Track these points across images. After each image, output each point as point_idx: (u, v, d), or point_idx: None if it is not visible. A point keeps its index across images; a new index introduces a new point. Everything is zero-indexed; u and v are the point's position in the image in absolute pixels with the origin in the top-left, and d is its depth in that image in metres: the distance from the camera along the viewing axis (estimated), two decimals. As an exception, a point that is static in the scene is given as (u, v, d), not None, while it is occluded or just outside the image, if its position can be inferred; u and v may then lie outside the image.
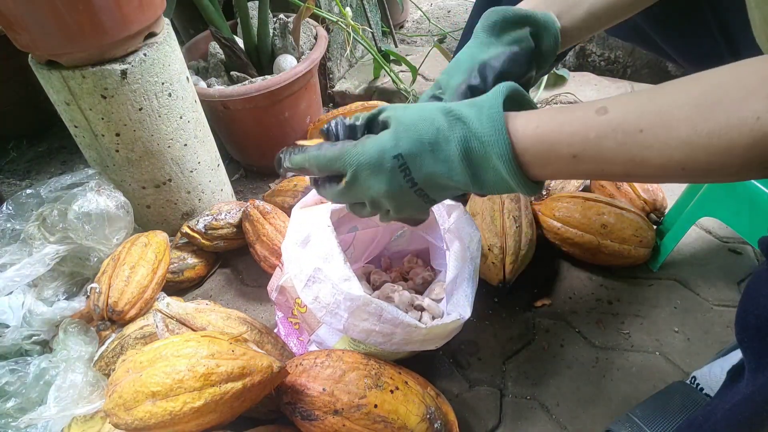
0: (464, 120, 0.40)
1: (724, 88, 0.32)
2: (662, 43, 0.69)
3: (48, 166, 1.51)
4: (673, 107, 0.33)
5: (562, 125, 0.37)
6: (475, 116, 0.40)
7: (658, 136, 0.33)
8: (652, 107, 0.34)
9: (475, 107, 0.41)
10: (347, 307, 0.64)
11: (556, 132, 0.38)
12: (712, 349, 0.83)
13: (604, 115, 0.35)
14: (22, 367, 0.77)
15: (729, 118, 0.31)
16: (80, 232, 0.88)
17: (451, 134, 0.41)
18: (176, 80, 0.94)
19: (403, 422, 0.64)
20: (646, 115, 0.34)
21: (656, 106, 0.34)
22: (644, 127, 0.34)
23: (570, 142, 0.37)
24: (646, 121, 0.34)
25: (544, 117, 0.39)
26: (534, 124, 0.39)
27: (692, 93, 0.33)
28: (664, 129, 0.33)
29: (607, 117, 0.35)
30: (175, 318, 0.78)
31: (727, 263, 0.96)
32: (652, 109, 0.34)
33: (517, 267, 0.91)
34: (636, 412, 0.72)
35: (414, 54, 1.60)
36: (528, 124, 0.39)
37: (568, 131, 0.37)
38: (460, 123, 0.41)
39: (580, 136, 0.36)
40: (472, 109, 0.41)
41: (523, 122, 0.39)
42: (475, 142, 0.40)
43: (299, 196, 1.05)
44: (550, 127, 0.38)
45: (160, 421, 0.60)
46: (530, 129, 0.39)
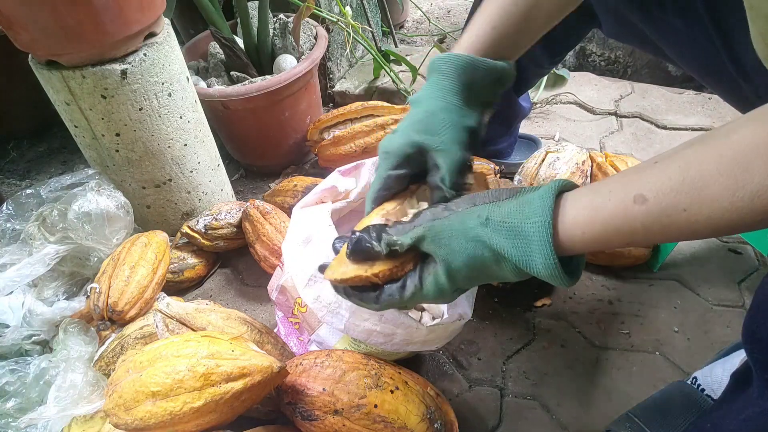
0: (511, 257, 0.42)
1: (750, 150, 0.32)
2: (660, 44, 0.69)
3: (48, 166, 1.51)
4: (708, 181, 0.34)
5: (606, 225, 0.39)
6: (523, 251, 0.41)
7: (702, 211, 0.34)
8: (687, 185, 0.35)
9: (520, 237, 0.41)
10: (349, 307, 0.64)
11: (602, 233, 0.39)
12: (712, 349, 0.83)
13: (643, 205, 0.36)
14: (22, 367, 0.77)
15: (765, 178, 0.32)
16: (80, 232, 0.88)
17: (500, 260, 0.43)
18: (176, 80, 0.94)
19: (403, 422, 0.64)
20: (683, 195, 0.35)
21: (691, 182, 0.35)
22: (686, 207, 0.35)
23: (619, 234, 0.38)
24: (686, 201, 0.35)
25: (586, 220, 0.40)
26: (580, 231, 0.40)
27: (722, 161, 0.33)
28: (706, 204, 0.34)
29: (647, 207, 0.36)
30: (175, 318, 0.78)
31: (727, 263, 0.96)
32: (688, 188, 0.35)
33: (517, 267, 0.91)
34: (636, 412, 0.72)
35: (414, 54, 1.60)
36: (575, 232, 0.40)
37: (613, 229, 0.38)
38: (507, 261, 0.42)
39: (627, 229, 0.38)
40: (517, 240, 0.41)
41: (570, 232, 0.40)
42: (524, 267, 0.42)
43: (299, 196, 1.05)
44: (595, 231, 0.39)
45: (160, 421, 0.60)
46: (578, 236, 0.40)
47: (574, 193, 0.41)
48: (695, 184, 0.34)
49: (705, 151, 0.35)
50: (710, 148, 0.35)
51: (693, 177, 0.35)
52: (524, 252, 0.41)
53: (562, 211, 0.41)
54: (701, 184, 0.34)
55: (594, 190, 0.40)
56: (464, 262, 0.44)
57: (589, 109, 1.37)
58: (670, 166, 0.36)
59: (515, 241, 0.41)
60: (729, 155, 0.33)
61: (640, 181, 0.37)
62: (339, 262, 0.50)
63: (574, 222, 0.40)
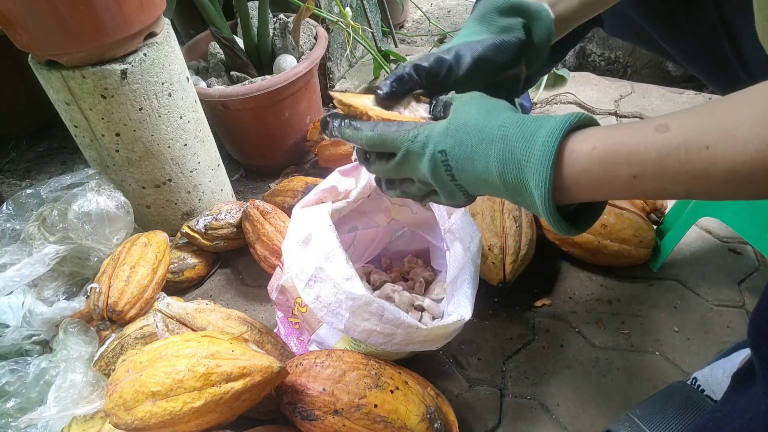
0: (510, 140, 0.39)
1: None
2: (663, 42, 0.69)
3: (48, 166, 1.51)
4: (737, 122, 0.32)
5: (620, 145, 0.36)
6: (523, 135, 0.39)
7: (725, 151, 0.32)
8: (715, 123, 0.33)
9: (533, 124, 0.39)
10: (349, 307, 0.64)
11: (613, 152, 0.36)
12: (712, 349, 0.83)
13: (665, 133, 0.34)
14: (22, 367, 0.77)
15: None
16: (80, 232, 0.88)
17: (491, 149, 0.40)
18: (176, 80, 0.94)
19: (403, 422, 0.64)
20: (709, 131, 0.33)
21: (719, 121, 0.33)
22: (710, 144, 0.33)
23: (629, 161, 0.36)
24: (711, 138, 0.33)
25: (601, 136, 0.37)
26: (591, 145, 0.37)
27: (755, 106, 0.32)
28: (730, 144, 0.32)
29: (668, 135, 0.34)
30: (175, 318, 0.78)
31: (727, 263, 0.96)
32: (715, 125, 0.33)
33: (517, 267, 0.91)
34: (636, 412, 0.72)
35: (414, 54, 1.60)
36: (585, 145, 0.38)
37: (626, 151, 0.36)
38: (503, 141, 0.39)
39: (639, 156, 0.35)
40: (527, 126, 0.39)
41: (580, 144, 0.38)
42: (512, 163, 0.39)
43: (299, 196, 1.05)
44: (607, 146, 0.37)
45: (160, 421, 0.60)
46: (586, 150, 0.37)
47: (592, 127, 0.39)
48: (723, 124, 0.32)
49: (738, 99, 0.33)
50: (743, 96, 0.33)
51: (723, 116, 0.33)
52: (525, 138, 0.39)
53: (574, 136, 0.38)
54: (730, 125, 0.32)
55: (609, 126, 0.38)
56: (467, 120, 0.42)
57: (589, 109, 1.37)
58: (703, 108, 0.34)
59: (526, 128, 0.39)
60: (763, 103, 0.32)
61: (667, 115, 0.35)
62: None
63: (585, 137, 0.38)
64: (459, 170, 0.43)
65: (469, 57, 0.49)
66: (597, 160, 0.37)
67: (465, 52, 0.49)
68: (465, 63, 0.49)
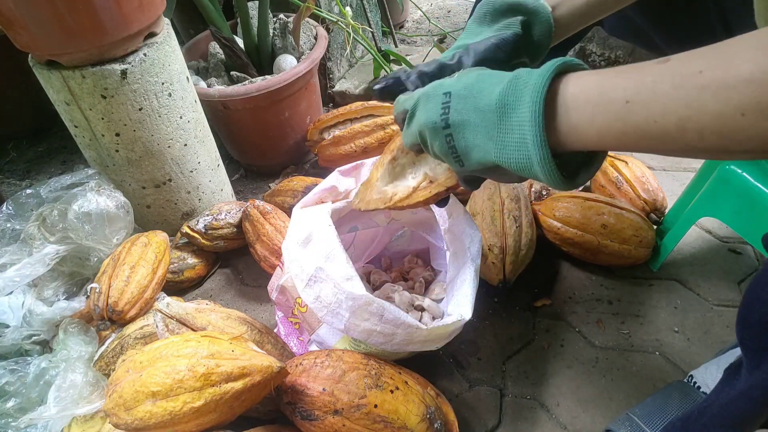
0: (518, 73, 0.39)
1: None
2: (662, 42, 0.69)
3: (48, 166, 1.51)
4: (733, 50, 0.32)
5: (620, 72, 0.36)
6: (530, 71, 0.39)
7: (717, 76, 0.31)
8: (713, 51, 0.33)
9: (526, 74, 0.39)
10: (349, 307, 0.64)
11: (611, 77, 0.36)
12: (712, 349, 0.83)
13: (664, 63, 0.34)
14: (22, 367, 0.77)
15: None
16: (80, 232, 0.88)
17: (499, 84, 0.40)
18: (176, 80, 0.94)
19: (403, 422, 0.64)
20: (706, 58, 0.33)
21: (717, 51, 0.32)
22: (703, 68, 0.32)
23: (625, 86, 0.35)
24: (706, 63, 0.32)
25: (604, 69, 0.38)
26: (591, 72, 0.37)
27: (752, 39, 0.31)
28: (724, 68, 0.31)
29: (667, 63, 0.34)
30: (175, 318, 0.78)
31: (727, 263, 0.96)
32: (712, 53, 0.33)
33: (517, 267, 0.91)
34: (636, 411, 0.72)
35: (414, 54, 1.60)
36: (584, 73, 0.38)
37: (625, 75, 0.36)
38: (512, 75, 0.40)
39: (635, 80, 0.35)
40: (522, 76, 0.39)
41: (580, 73, 0.38)
42: (514, 89, 0.39)
43: (299, 196, 1.05)
44: (608, 73, 0.37)
45: (160, 421, 0.60)
46: (586, 76, 0.37)
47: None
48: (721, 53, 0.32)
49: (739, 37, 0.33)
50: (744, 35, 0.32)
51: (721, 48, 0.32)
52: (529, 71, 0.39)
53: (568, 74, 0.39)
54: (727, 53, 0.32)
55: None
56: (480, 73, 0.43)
57: (589, 109, 1.36)
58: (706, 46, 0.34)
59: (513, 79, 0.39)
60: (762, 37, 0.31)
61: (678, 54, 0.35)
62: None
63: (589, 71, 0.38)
64: (457, 111, 0.42)
65: (471, 61, 0.50)
66: (595, 82, 0.37)
67: (466, 56, 0.50)
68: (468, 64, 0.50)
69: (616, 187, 1.02)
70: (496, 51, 0.50)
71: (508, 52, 0.51)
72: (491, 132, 0.40)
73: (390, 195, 0.53)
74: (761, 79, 0.30)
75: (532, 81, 0.38)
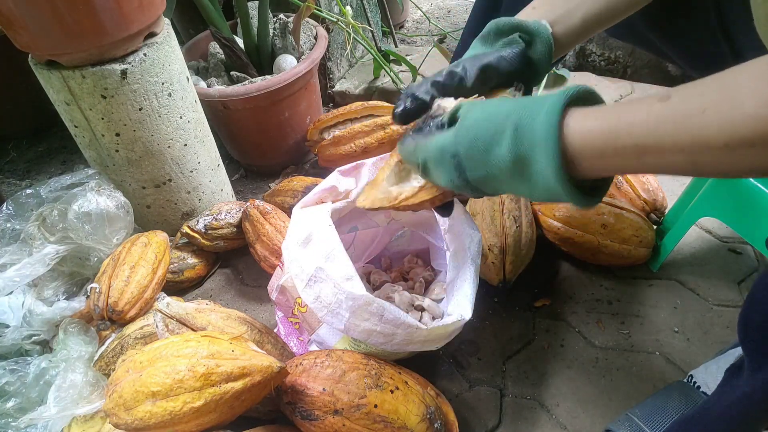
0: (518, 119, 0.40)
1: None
2: (661, 44, 0.69)
3: (48, 166, 1.51)
4: (735, 84, 0.32)
5: (622, 114, 0.36)
6: (529, 114, 0.40)
7: (721, 112, 0.31)
8: (714, 86, 0.33)
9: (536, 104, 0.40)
10: (349, 307, 0.64)
11: (615, 120, 0.37)
12: (712, 349, 0.83)
13: (665, 102, 0.34)
14: (22, 367, 0.77)
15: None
16: (80, 232, 0.88)
17: (503, 137, 0.41)
18: (176, 80, 0.94)
19: (403, 422, 0.64)
20: (708, 95, 0.33)
21: (718, 85, 0.33)
22: (707, 107, 0.32)
23: (631, 132, 0.36)
24: (708, 100, 0.32)
25: (606, 108, 0.38)
26: (593, 116, 0.38)
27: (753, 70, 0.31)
28: (727, 105, 0.31)
29: (668, 102, 0.34)
30: (175, 318, 0.78)
31: (727, 263, 0.96)
32: (714, 88, 0.33)
33: (517, 267, 0.91)
34: (635, 411, 0.72)
35: (414, 54, 1.60)
36: (587, 117, 0.38)
37: (628, 120, 0.36)
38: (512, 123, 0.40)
39: (640, 125, 0.35)
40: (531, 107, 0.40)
41: (583, 116, 0.38)
42: (524, 142, 0.40)
43: (299, 196, 1.05)
44: (610, 115, 0.37)
45: (160, 421, 0.60)
46: (589, 121, 0.38)
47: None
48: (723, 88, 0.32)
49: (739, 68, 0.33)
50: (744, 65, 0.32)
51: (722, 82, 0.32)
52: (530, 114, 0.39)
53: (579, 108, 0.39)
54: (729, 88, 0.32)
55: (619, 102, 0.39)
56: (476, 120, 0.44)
57: (589, 109, 1.36)
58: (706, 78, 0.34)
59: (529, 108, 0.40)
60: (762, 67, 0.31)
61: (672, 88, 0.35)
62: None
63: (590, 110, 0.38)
64: (473, 170, 0.44)
65: (475, 67, 0.52)
66: (599, 133, 0.37)
67: (471, 63, 0.52)
68: (472, 73, 0.52)
69: (616, 187, 1.02)
70: (500, 62, 0.53)
71: (512, 66, 0.53)
72: (515, 181, 0.42)
73: (395, 195, 0.54)
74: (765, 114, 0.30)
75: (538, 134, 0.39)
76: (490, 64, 0.52)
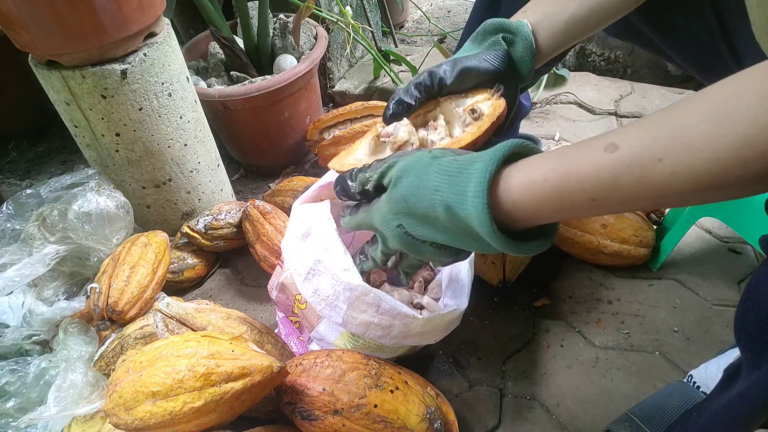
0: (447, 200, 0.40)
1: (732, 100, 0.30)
2: (660, 43, 0.69)
3: (48, 166, 1.51)
4: (686, 128, 0.31)
5: (570, 172, 0.35)
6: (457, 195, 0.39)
7: (680, 161, 0.31)
8: (664, 132, 0.32)
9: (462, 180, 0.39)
10: (346, 298, 0.64)
11: (564, 179, 0.35)
12: (712, 349, 0.83)
13: (614, 153, 0.33)
14: (22, 367, 0.77)
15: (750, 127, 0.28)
16: (80, 232, 0.88)
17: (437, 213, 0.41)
18: (176, 80, 0.94)
19: (403, 422, 0.64)
20: (659, 142, 0.32)
21: (668, 130, 0.32)
22: (662, 156, 0.31)
23: (584, 188, 0.35)
24: (662, 149, 0.31)
25: (550, 164, 0.36)
26: (541, 176, 0.37)
27: (701, 110, 0.31)
28: (683, 151, 0.31)
29: (618, 154, 0.33)
30: (175, 318, 0.78)
31: (727, 263, 0.96)
32: (664, 135, 0.32)
33: (517, 267, 0.91)
34: (635, 411, 0.73)
35: (414, 54, 1.60)
36: (533, 175, 0.37)
37: (577, 177, 0.35)
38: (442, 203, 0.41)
39: (593, 180, 0.34)
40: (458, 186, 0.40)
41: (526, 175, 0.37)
42: (459, 220, 0.40)
43: (299, 196, 1.05)
44: (557, 175, 0.36)
45: (160, 421, 0.60)
46: (538, 181, 0.37)
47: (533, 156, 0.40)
48: (673, 133, 0.31)
49: (682, 107, 0.32)
50: (688, 103, 0.32)
51: (670, 125, 0.32)
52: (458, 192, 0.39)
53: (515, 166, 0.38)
54: (680, 133, 0.31)
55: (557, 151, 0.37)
56: (408, 190, 0.44)
57: (589, 109, 1.37)
58: (647, 121, 0.33)
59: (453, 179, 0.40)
60: (710, 106, 0.30)
61: (612, 134, 0.34)
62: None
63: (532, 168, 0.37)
64: (422, 234, 0.45)
65: (456, 69, 0.56)
66: (550, 190, 0.36)
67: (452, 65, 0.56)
68: (452, 74, 0.56)
69: (616, 187, 1.02)
70: (480, 62, 0.56)
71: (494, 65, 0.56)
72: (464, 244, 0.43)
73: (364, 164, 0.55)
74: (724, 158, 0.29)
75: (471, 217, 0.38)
76: (470, 65, 0.55)
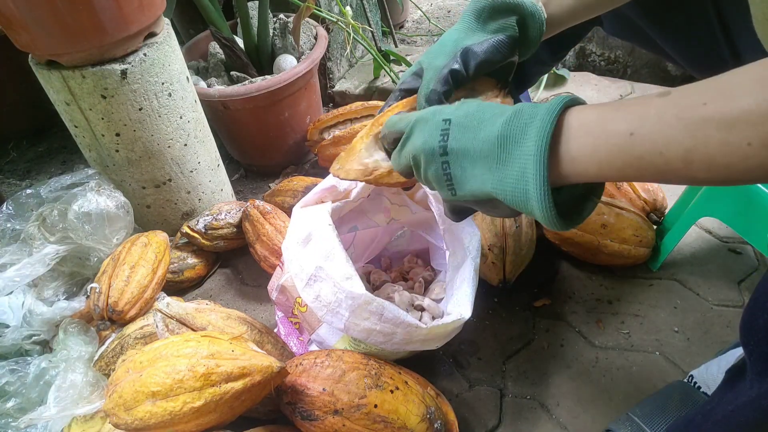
0: (522, 107, 0.40)
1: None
2: (661, 42, 0.69)
3: (48, 166, 1.51)
4: (735, 82, 0.32)
5: (621, 105, 0.37)
6: (533, 106, 0.39)
7: (721, 108, 0.32)
8: (713, 84, 0.33)
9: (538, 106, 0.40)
10: (348, 306, 0.64)
11: (613, 109, 0.37)
12: (712, 349, 0.83)
13: (666, 96, 0.35)
14: (22, 367, 0.77)
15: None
16: (80, 232, 0.88)
17: (501, 118, 0.40)
18: (176, 80, 0.94)
19: (403, 422, 0.64)
20: (708, 91, 0.33)
21: (720, 83, 0.33)
22: (707, 100, 0.33)
23: (627, 118, 0.36)
24: (709, 95, 0.33)
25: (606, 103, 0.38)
26: (593, 107, 0.38)
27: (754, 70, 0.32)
28: (726, 100, 0.32)
29: (669, 96, 0.35)
30: (175, 318, 0.78)
31: (727, 263, 0.96)
32: (713, 86, 0.33)
33: (517, 267, 0.91)
34: (636, 411, 0.72)
35: (414, 54, 1.60)
36: (585, 107, 0.38)
37: (626, 109, 0.36)
38: (516, 109, 0.40)
39: (638, 112, 0.35)
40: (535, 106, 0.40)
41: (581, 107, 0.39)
42: (522, 118, 0.39)
43: (299, 196, 1.05)
44: (608, 106, 0.37)
45: (160, 421, 0.60)
46: (586, 109, 0.38)
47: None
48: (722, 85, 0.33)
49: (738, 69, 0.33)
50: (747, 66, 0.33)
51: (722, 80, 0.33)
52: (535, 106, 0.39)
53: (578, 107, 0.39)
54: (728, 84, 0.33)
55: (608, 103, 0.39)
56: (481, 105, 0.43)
57: (589, 109, 1.36)
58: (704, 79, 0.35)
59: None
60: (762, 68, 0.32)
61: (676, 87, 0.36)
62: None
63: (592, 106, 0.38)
64: (456, 139, 0.42)
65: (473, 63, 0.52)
66: (596, 114, 0.37)
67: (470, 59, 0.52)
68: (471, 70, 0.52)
69: (616, 187, 1.02)
70: (494, 54, 0.52)
71: (504, 55, 0.53)
72: (490, 163, 0.40)
73: (371, 169, 0.53)
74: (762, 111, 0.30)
75: (539, 116, 0.38)
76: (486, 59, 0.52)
